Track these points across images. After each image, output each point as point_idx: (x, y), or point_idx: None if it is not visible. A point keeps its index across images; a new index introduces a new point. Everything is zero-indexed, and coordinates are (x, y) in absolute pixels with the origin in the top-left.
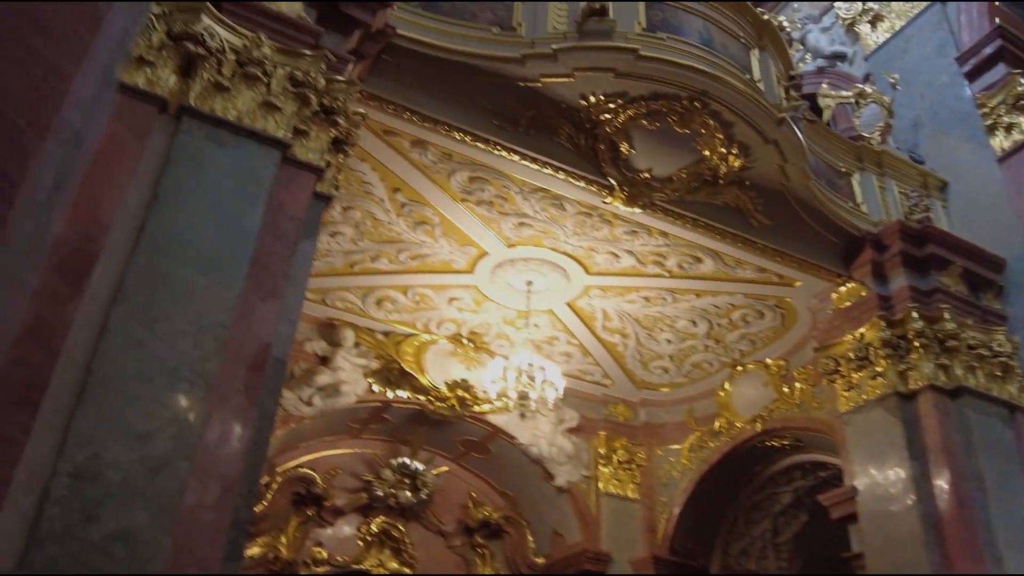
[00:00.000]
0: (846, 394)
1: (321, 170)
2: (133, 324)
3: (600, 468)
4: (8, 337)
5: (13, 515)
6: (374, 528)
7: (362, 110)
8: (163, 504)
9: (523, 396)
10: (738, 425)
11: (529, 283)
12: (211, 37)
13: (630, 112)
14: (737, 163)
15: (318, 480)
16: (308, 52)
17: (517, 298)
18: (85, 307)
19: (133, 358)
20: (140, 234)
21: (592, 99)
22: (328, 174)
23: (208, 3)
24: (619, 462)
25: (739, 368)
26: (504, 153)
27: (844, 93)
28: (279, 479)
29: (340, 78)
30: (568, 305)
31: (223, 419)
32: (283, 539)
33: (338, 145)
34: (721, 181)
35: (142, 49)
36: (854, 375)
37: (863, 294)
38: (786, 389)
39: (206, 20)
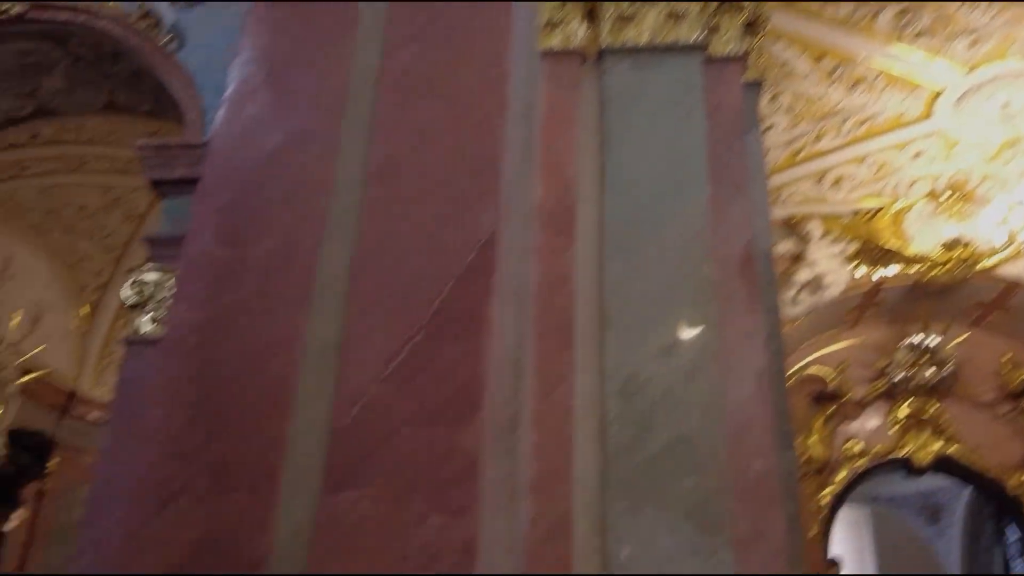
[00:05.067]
0: None
1: (742, 58)
2: (627, 255)
3: None
4: (529, 291)
5: (585, 440)
6: (904, 413)
7: None
8: (707, 406)
9: None
10: None
11: (1005, 105)
12: None
13: None
14: None
15: (829, 377)
16: None
17: (993, 128)
18: (580, 253)
19: (636, 285)
20: (602, 177)
21: None
22: (750, 60)
23: None
24: None
25: None
26: None
27: None
28: (789, 383)
29: None
30: None
31: (732, 318)
32: (811, 440)
33: (750, 28)
34: None
35: (548, 12)
36: None
37: None
38: None
39: None
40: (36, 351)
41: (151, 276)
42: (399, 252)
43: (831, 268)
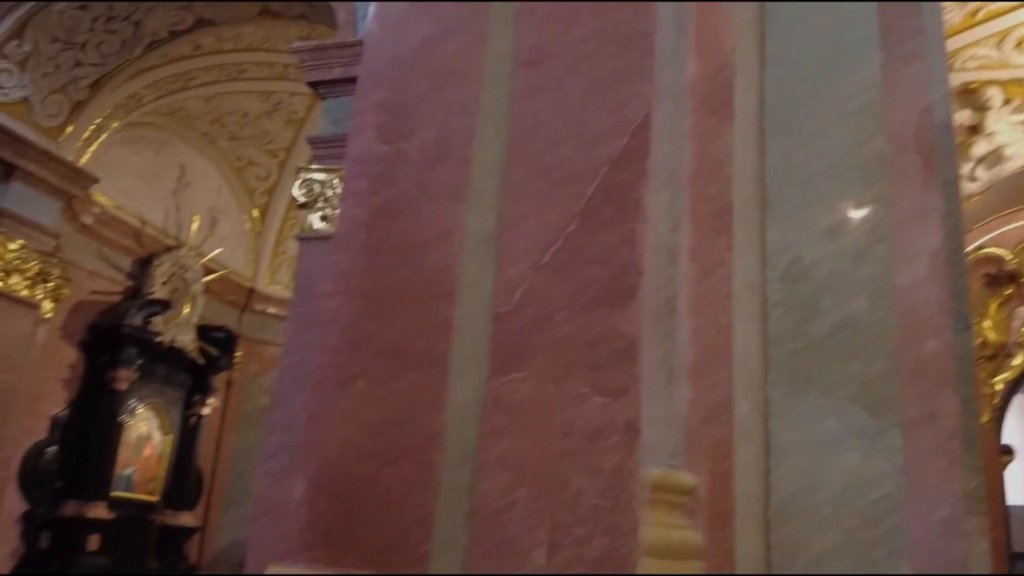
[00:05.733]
0: None
1: None
2: (789, 132)
3: None
4: (684, 174)
5: (745, 324)
6: None
7: None
8: (876, 289)
9: None
10: None
11: None
12: None
13: None
14: None
15: (1007, 257)
16: None
17: None
18: (738, 133)
19: (799, 164)
20: (762, 49)
21: None
22: None
23: None
24: None
25: None
26: None
27: None
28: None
29: None
30: None
31: (903, 193)
32: (985, 323)
33: None
34: None
35: None
36: None
37: None
38: None
39: None
40: (215, 253)
41: (318, 175)
42: (551, 139)
43: (1012, 139)
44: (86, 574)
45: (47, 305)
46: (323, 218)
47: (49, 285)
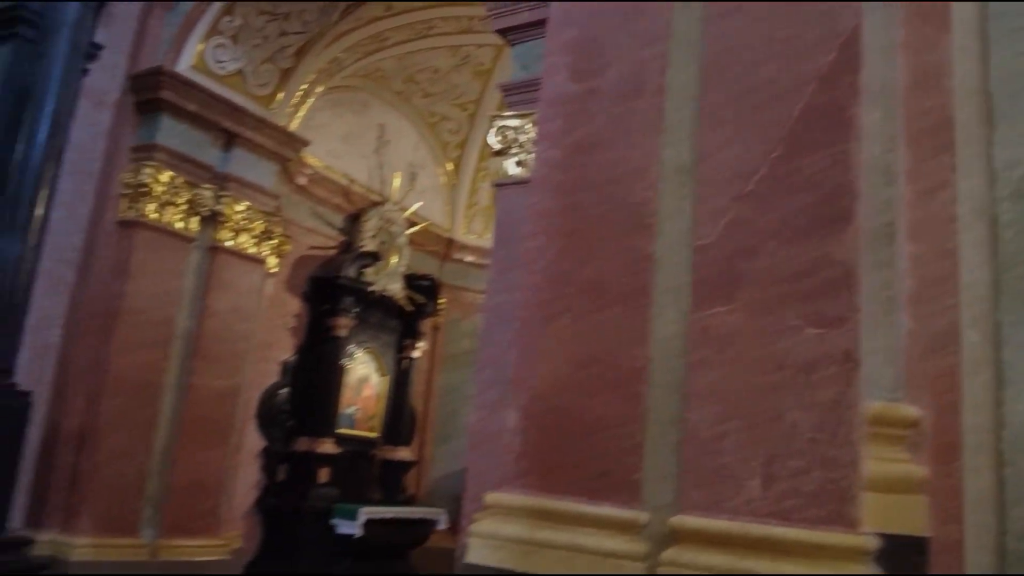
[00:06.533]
0: None
1: None
2: (1016, 37)
3: None
4: (899, 89)
5: (972, 248)
6: None
7: None
8: None
9: None
10: None
11: None
12: None
13: None
14: None
15: None
16: None
17: None
18: (957, 42)
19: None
20: None
21: None
22: None
23: None
24: None
25: None
26: None
27: None
28: None
29: None
30: None
31: None
32: None
33: None
34: None
35: None
36: None
37: None
38: None
39: None
40: (416, 206)
41: (512, 122)
42: (750, 60)
43: None
44: (320, 505)
45: (272, 260)
46: (518, 163)
47: (273, 242)
